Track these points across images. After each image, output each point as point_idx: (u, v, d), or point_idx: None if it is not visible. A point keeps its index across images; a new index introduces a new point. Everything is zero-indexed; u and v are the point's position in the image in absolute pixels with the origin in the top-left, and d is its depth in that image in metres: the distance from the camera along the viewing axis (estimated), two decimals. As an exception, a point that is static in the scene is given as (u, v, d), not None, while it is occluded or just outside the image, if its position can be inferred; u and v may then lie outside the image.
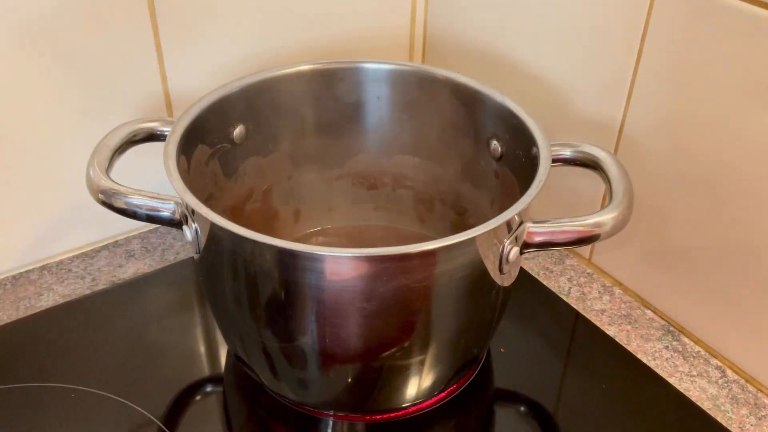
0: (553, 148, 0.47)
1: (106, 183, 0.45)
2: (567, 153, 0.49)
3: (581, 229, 0.44)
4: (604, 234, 0.44)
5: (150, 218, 0.46)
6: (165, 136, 0.48)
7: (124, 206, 0.45)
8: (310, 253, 0.40)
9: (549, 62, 0.61)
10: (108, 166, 0.46)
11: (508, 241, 0.43)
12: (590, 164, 0.49)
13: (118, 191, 0.45)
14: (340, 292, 0.41)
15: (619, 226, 0.45)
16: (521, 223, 0.43)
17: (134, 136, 0.49)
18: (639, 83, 0.55)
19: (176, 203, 0.45)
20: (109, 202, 0.45)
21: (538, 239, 0.44)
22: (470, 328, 0.48)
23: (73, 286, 0.61)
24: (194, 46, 0.61)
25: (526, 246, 0.44)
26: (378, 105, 0.58)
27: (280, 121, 0.56)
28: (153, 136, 0.50)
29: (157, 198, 0.45)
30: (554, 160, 0.47)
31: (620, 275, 0.63)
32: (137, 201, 0.45)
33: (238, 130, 0.54)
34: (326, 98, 0.57)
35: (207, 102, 0.50)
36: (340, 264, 0.40)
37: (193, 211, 0.43)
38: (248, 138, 0.54)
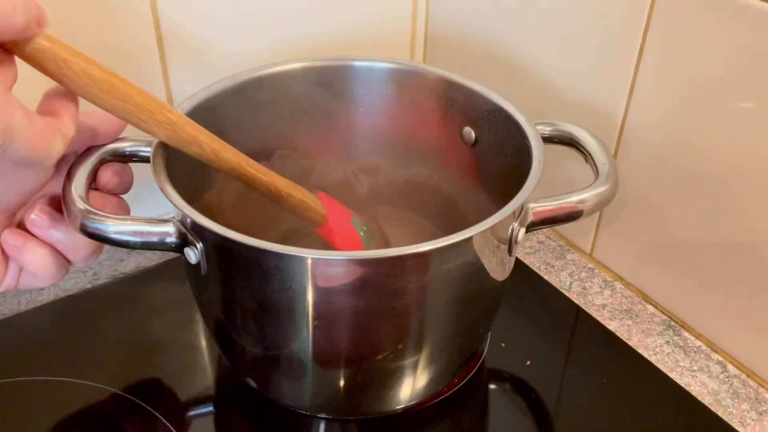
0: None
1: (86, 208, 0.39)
2: (546, 132, 0.50)
3: (581, 198, 0.45)
4: (602, 200, 0.45)
5: (145, 246, 0.40)
6: (138, 155, 0.44)
7: (114, 237, 0.39)
8: (334, 258, 0.38)
9: (550, 57, 0.61)
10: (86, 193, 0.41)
11: (517, 223, 0.43)
12: (567, 141, 0.49)
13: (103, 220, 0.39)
14: (373, 294, 0.40)
15: (611, 193, 0.45)
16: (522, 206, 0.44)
17: (101, 161, 0.43)
18: (641, 79, 0.54)
19: (174, 224, 0.40)
20: (93, 232, 0.39)
21: (540, 217, 0.44)
22: (467, 326, 0.47)
23: (75, 280, 0.61)
24: (196, 43, 0.61)
25: (532, 225, 0.44)
26: (369, 102, 0.57)
27: (271, 120, 0.55)
28: (126, 157, 0.44)
29: (152, 222, 0.40)
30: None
31: (621, 270, 0.63)
32: (131, 228, 0.39)
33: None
34: (317, 96, 0.56)
35: (190, 105, 0.48)
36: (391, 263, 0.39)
37: (196, 229, 0.39)
38: (237, 140, 0.51)
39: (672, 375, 0.54)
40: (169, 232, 0.40)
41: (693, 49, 0.50)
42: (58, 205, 0.42)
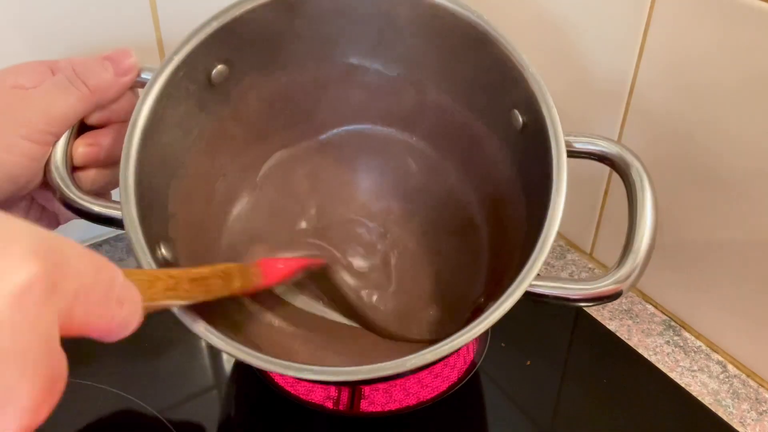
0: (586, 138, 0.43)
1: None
2: (609, 151, 0.43)
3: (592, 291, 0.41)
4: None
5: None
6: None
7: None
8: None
9: (561, 9, 0.59)
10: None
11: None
12: (624, 177, 0.43)
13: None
14: None
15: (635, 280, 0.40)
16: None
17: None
18: (640, 82, 0.54)
19: None
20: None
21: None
22: None
23: (75, 281, 0.61)
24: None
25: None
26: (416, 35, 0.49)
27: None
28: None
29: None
30: (582, 153, 0.43)
31: (621, 270, 0.63)
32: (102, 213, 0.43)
33: (217, 70, 0.48)
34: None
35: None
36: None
37: None
38: (235, 71, 0.49)
39: (672, 375, 0.54)
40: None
41: (694, 48, 0.50)
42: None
